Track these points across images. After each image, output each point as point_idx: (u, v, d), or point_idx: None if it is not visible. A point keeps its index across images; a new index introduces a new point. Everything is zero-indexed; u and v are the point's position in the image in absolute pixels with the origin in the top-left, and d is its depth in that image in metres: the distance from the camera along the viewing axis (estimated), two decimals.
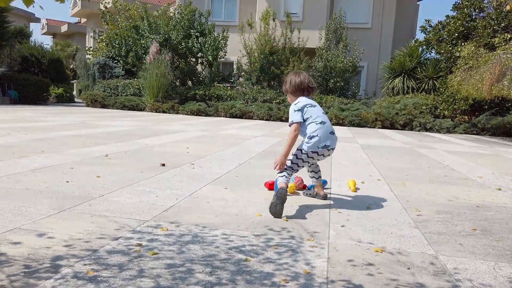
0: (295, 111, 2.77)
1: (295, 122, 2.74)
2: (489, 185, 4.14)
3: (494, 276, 1.82)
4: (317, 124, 2.74)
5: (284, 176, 2.73)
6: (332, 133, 2.81)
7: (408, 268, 1.84)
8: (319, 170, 3.10)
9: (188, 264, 1.74)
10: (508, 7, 4.08)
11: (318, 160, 2.87)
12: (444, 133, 12.55)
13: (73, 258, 1.73)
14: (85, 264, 1.67)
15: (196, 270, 1.68)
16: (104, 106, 16.60)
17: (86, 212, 2.40)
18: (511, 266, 1.95)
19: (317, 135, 2.72)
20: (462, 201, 3.33)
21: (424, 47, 14.86)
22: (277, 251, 1.95)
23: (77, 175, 3.42)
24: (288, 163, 2.79)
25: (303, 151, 2.76)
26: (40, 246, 1.84)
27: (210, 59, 16.55)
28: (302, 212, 2.69)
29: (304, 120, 2.77)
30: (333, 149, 2.82)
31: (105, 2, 20.66)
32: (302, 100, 2.81)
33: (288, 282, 1.62)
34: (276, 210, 2.50)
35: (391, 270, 1.81)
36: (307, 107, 2.78)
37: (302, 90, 2.85)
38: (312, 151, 2.74)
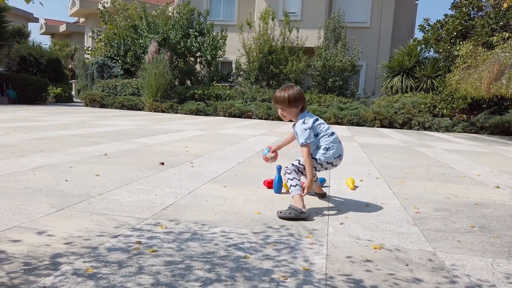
0: (305, 129, 2.67)
1: (309, 142, 2.66)
2: (487, 183, 4.15)
3: (492, 272, 1.83)
4: (329, 136, 2.75)
5: (297, 186, 2.65)
6: (340, 142, 2.84)
7: (407, 265, 1.85)
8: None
9: (188, 261, 1.75)
10: (505, 5, 4.10)
11: (329, 169, 2.92)
12: (443, 131, 12.57)
13: (72, 256, 1.73)
14: (84, 261, 1.68)
15: (195, 267, 1.69)
16: (102, 105, 16.59)
17: (85, 211, 2.40)
18: (509, 262, 1.96)
19: (332, 146, 2.72)
20: (460, 198, 3.35)
21: (423, 46, 14.88)
22: (276, 248, 1.96)
23: (76, 174, 3.43)
24: (301, 168, 2.75)
25: (318, 161, 2.73)
26: (39, 244, 1.84)
27: (209, 58, 16.55)
28: None
29: (315, 136, 2.73)
30: (342, 158, 2.85)
31: (104, 2, 20.65)
32: (309, 118, 2.74)
33: (287, 279, 1.62)
34: (285, 216, 2.47)
35: (389, 266, 1.82)
36: (315, 124, 2.74)
37: (302, 99, 2.73)
38: (327, 162, 2.73)
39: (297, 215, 2.47)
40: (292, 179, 2.69)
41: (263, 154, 3.06)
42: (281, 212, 2.49)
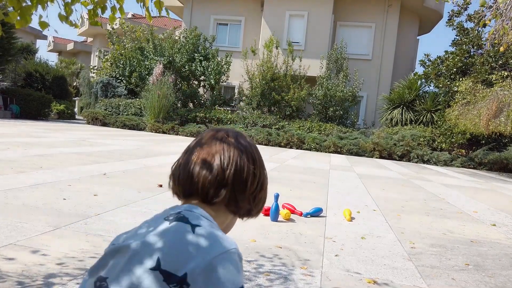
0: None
1: None
2: (484, 220, 4.15)
3: None
4: None
5: None
6: None
7: None
8: None
9: None
10: (502, 49, 4.22)
11: None
12: (441, 165, 12.60)
13: (66, 277, 1.73)
14: (77, 283, 1.68)
15: None
16: (104, 124, 16.68)
17: (81, 231, 2.41)
18: None
19: None
20: (456, 235, 3.34)
21: (423, 80, 15.12)
22: (268, 278, 1.96)
23: (74, 192, 3.44)
24: None
25: None
26: (33, 263, 1.84)
27: (213, 82, 16.78)
28: (296, 240, 2.70)
29: None
30: None
31: (112, 23, 21.07)
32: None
33: None
34: None
35: None
36: None
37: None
38: None
39: None
40: None
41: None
42: None
